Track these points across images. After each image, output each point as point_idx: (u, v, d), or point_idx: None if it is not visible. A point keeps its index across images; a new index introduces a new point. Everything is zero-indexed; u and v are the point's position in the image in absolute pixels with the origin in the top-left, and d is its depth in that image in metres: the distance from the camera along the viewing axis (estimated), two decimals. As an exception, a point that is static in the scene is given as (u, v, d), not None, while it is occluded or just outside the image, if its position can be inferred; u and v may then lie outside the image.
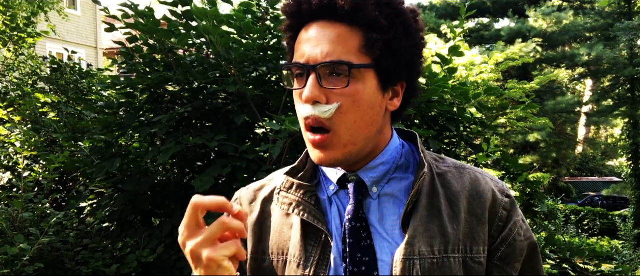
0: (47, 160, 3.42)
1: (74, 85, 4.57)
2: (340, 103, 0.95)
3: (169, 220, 3.09)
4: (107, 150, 3.26)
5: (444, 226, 1.00)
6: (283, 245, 1.07)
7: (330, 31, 0.96)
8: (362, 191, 1.04)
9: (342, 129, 0.97)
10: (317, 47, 0.96)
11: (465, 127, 3.56)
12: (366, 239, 1.00)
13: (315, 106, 0.96)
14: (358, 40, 0.96)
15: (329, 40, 0.96)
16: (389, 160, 1.07)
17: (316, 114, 0.96)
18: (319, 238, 1.03)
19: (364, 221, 1.02)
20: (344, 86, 0.95)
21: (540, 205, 3.66)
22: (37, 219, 3.15)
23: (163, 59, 3.18)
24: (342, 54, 0.95)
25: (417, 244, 0.97)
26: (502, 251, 1.03)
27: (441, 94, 3.19)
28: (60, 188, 4.09)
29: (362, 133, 0.99)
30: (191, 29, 3.02)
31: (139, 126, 3.12)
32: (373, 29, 0.96)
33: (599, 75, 20.45)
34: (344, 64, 0.94)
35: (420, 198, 1.02)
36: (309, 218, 1.03)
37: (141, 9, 2.99)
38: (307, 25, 1.00)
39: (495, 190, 1.06)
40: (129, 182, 3.13)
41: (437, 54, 3.47)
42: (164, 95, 3.28)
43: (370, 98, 0.98)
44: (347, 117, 0.96)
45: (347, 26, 0.96)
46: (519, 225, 1.05)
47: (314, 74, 0.95)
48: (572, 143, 23.88)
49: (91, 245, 3.08)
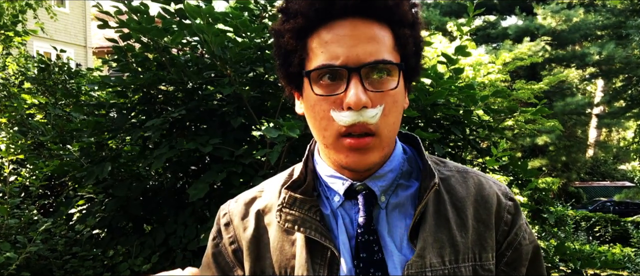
0: (35, 164, 3.42)
1: (62, 86, 4.56)
2: (383, 105, 0.93)
3: (162, 227, 3.09)
4: (97, 154, 3.25)
5: (452, 235, 0.99)
6: (285, 264, 1.03)
7: (364, 29, 0.93)
8: (371, 201, 1.02)
9: (385, 132, 0.95)
10: (356, 46, 0.91)
11: (472, 130, 3.55)
12: (378, 253, 0.99)
13: (361, 111, 0.91)
14: (390, 37, 0.95)
15: (367, 38, 0.92)
16: (396, 167, 1.05)
17: (363, 120, 0.91)
18: (325, 255, 1.00)
19: (374, 234, 1.00)
20: (392, 87, 0.93)
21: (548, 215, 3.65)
22: (24, 226, 3.15)
23: (156, 58, 3.18)
24: (383, 52, 0.93)
25: (428, 256, 0.96)
26: (508, 256, 1.04)
27: (447, 97, 3.19)
28: (48, 193, 4.09)
29: (394, 136, 0.99)
30: (185, 27, 3.01)
31: (131, 128, 3.12)
32: (403, 26, 0.95)
33: (610, 75, 20.48)
34: (392, 63, 0.93)
35: (426, 207, 1.01)
36: (315, 236, 1.00)
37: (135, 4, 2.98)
38: (330, 23, 0.95)
39: (499, 194, 1.06)
40: (120, 186, 3.13)
41: (443, 53, 3.47)
42: (157, 95, 3.28)
43: (401, 98, 0.98)
44: (389, 119, 0.94)
45: (378, 23, 0.94)
46: (523, 229, 1.06)
47: (357, 77, 0.91)
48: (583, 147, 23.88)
49: (81, 253, 3.07)
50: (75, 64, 5.93)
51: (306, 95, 1.00)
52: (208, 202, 3.07)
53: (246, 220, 1.11)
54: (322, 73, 0.94)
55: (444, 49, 7.96)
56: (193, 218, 3.03)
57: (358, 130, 0.93)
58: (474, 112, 3.51)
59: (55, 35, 18.39)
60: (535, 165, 19.71)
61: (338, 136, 0.95)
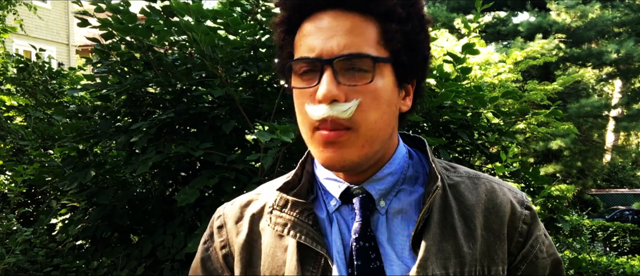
0: (14, 171, 3.42)
1: (43, 87, 4.56)
2: (360, 100, 0.93)
3: (149, 238, 3.08)
4: (80, 160, 3.25)
5: (458, 245, 0.98)
6: (276, 271, 1.04)
7: (344, 21, 0.95)
8: (369, 206, 1.02)
9: (363, 128, 0.95)
10: (332, 38, 0.94)
11: (480, 134, 3.55)
12: (375, 261, 0.99)
13: (332, 105, 0.92)
14: (375, 31, 0.95)
15: (345, 31, 0.94)
16: (397, 170, 1.05)
17: (334, 114, 0.92)
18: (318, 262, 1.01)
19: (372, 241, 1.00)
20: (366, 82, 0.94)
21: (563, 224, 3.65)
22: (3, 236, 3.15)
23: (142, 58, 3.18)
24: (361, 45, 0.94)
25: (430, 266, 0.95)
26: (522, 270, 1.02)
27: (454, 98, 3.19)
28: (29, 202, 4.09)
29: (380, 135, 0.98)
30: (172, 24, 3.00)
31: (116, 132, 3.11)
32: (390, 20, 0.95)
33: (629, 75, 20.49)
34: (367, 57, 0.93)
35: (431, 214, 1.00)
36: (307, 241, 1.01)
37: (115, 1, 2.98)
38: (312, 16, 0.98)
39: (513, 202, 1.04)
40: (105, 194, 3.12)
41: (448, 52, 3.48)
42: (143, 97, 3.28)
43: (388, 95, 0.98)
44: (368, 114, 0.95)
45: (361, 16, 0.95)
46: (541, 241, 1.04)
47: (329, 69, 0.93)
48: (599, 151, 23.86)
49: (63, 264, 3.07)
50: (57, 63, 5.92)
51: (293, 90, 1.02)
52: (198, 210, 3.07)
53: (240, 224, 1.12)
54: (301, 67, 0.97)
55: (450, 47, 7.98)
56: (182, 228, 3.03)
57: (330, 126, 0.94)
58: (483, 114, 3.51)
59: (36, 32, 18.42)
60: (548, 171, 19.70)
61: (313, 130, 0.97)
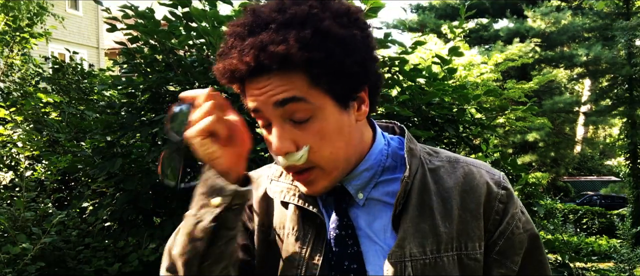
0: (50, 160, 3.42)
1: (76, 86, 4.56)
2: (308, 145, 0.92)
3: (170, 220, 3.09)
4: (109, 150, 3.25)
5: (435, 224, 0.97)
6: (283, 220, 1.06)
7: (271, 83, 0.90)
8: (345, 199, 1.02)
9: (323, 162, 0.95)
10: (266, 99, 0.90)
11: (465, 128, 3.55)
12: (353, 246, 0.98)
13: (287, 156, 0.93)
14: (302, 79, 0.89)
15: (273, 89, 0.89)
16: (373, 165, 1.03)
17: (291, 164, 0.93)
18: (314, 221, 1.02)
19: (349, 229, 1.00)
20: (307, 126, 0.92)
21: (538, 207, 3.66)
22: (39, 218, 3.15)
23: (164, 59, 3.18)
24: (292, 93, 0.89)
25: (408, 246, 0.95)
26: (500, 244, 1.00)
27: (441, 96, 3.18)
28: (63, 188, 4.09)
29: (341, 157, 0.96)
30: (191, 29, 3.01)
31: (141, 126, 3.12)
32: (311, 66, 0.88)
33: (597, 75, 20.44)
34: (300, 99, 0.90)
35: (410, 197, 0.99)
36: (300, 203, 1.03)
37: (142, 9, 2.98)
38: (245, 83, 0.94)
39: (490, 183, 1.02)
40: (131, 181, 3.13)
41: (436, 54, 3.47)
42: (165, 95, 3.28)
43: (335, 125, 0.94)
44: (322, 152, 0.94)
45: (282, 72, 0.88)
46: (517, 218, 1.02)
47: (276, 123, 0.92)
48: (571, 143, 23.87)
49: (93, 244, 3.07)
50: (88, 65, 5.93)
51: None
52: (214, 195, 3.06)
53: (260, 180, 1.14)
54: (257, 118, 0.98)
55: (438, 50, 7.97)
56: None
57: (293, 170, 0.96)
58: (467, 110, 3.51)
59: (69, 37, 18.41)
60: (525, 160, 19.70)
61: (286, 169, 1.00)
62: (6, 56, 6.45)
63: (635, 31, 14.63)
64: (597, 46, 18.31)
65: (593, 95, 21.00)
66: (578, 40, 20.78)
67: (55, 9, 9.57)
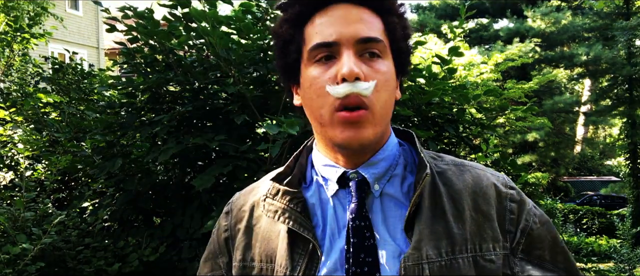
0: (50, 160, 3.42)
1: (75, 86, 4.56)
2: (376, 80, 0.94)
3: (170, 220, 3.09)
4: (109, 150, 3.25)
5: (449, 226, 0.97)
6: (270, 253, 1.03)
7: (356, 12, 0.96)
8: (364, 188, 1.01)
9: (377, 107, 0.95)
10: (348, 26, 0.95)
11: (465, 128, 3.55)
12: (370, 239, 0.97)
13: (355, 83, 0.92)
14: (380, 24, 0.99)
15: (358, 20, 0.96)
16: (389, 156, 1.04)
17: (357, 91, 0.92)
18: (306, 247, 1.00)
19: (367, 220, 0.98)
20: (380, 65, 0.97)
21: (537, 207, 3.65)
22: (39, 219, 3.15)
23: (164, 60, 3.18)
24: (375, 33, 0.97)
25: (424, 248, 0.94)
26: (523, 243, 1.00)
27: (441, 96, 3.18)
28: (63, 188, 4.09)
29: (387, 116, 0.99)
30: (191, 30, 3.01)
31: (140, 126, 3.12)
32: (390, 14, 1.00)
33: (597, 75, 20.40)
34: (381, 41, 0.97)
35: (422, 199, 0.99)
36: (294, 226, 1.00)
37: (141, 10, 2.98)
38: (324, 10, 0.98)
39: (497, 184, 1.03)
40: (130, 181, 3.13)
41: (436, 54, 3.47)
42: (164, 95, 3.28)
43: (393, 80, 1.00)
44: (381, 95, 0.95)
45: (368, 10, 0.98)
46: (532, 213, 1.03)
47: (350, 51, 0.94)
48: (571, 143, 23.84)
49: (93, 244, 3.07)
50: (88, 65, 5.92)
51: (303, 81, 1.01)
52: (214, 195, 3.07)
53: (243, 210, 1.12)
54: (317, 54, 0.96)
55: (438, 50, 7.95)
56: (200, 211, 3.03)
57: (353, 101, 0.93)
58: (467, 110, 3.51)
59: (69, 37, 18.41)
60: (525, 160, 19.68)
61: (333, 111, 0.95)
62: (7, 56, 6.45)
63: (635, 31, 14.61)
64: (597, 46, 18.31)
65: (593, 95, 20.97)
66: (578, 40, 20.76)
67: (55, 9, 9.56)
